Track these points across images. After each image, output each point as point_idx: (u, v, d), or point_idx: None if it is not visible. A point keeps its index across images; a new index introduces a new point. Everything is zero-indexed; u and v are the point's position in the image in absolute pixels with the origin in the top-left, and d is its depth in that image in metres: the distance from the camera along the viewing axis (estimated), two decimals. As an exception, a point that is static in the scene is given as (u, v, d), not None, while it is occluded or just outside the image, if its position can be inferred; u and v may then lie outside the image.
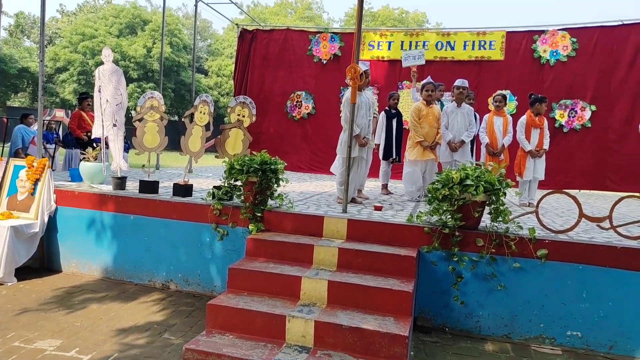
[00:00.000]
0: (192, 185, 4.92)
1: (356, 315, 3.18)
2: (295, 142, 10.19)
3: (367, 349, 2.95)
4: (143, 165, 5.30)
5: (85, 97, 7.46)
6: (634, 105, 8.37)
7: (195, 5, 8.80)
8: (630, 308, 3.45)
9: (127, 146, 7.59)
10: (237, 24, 10.87)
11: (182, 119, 5.12)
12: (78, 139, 7.26)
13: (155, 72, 29.04)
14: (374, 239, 3.96)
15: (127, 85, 6.56)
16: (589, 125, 8.63)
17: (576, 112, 8.71)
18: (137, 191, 4.89)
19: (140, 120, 5.06)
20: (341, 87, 9.67)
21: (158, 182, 5.03)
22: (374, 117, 5.78)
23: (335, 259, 3.72)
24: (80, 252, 4.80)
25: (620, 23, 8.63)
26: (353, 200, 5.18)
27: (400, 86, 9.66)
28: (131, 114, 22.34)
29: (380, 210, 4.73)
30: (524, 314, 3.65)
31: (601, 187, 8.67)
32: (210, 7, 9.28)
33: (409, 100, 9.35)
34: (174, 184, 4.87)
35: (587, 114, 8.67)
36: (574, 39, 8.77)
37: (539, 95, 6.07)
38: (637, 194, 4.35)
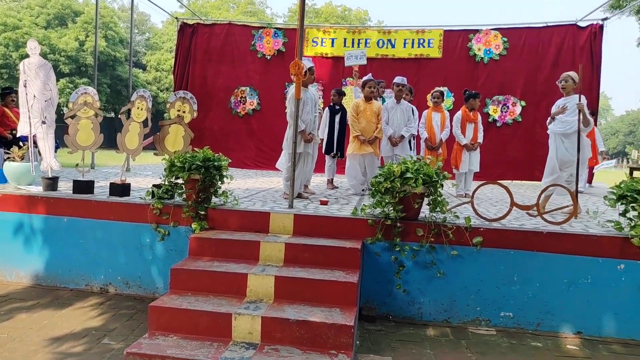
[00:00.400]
0: (129, 184, 4.73)
1: (303, 309, 3.20)
2: (240, 139, 10.05)
3: (315, 341, 2.99)
4: (77, 165, 5.02)
5: (8, 92, 6.92)
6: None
7: (131, -3, 8.42)
8: (554, 288, 3.74)
9: (57, 145, 7.14)
10: (176, 18, 10.53)
11: (119, 115, 4.89)
12: (1, 137, 6.73)
13: (89, 66, 27.51)
14: (320, 233, 4.00)
15: (58, 80, 6.15)
16: (520, 120, 9.20)
17: (508, 107, 9.26)
18: (71, 192, 4.63)
19: (72, 117, 4.79)
20: (286, 83, 9.64)
21: (93, 181, 4.78)
22: (319, 113, 5.84)
23: (282, 254, 3.72)
24: (5, 258, 4.46)
25: (544, 25, 9.27)
26: (299, 196, 5.21)
27: (344, 83, 9.79)
28: (62, 110, 21.02)
29: (326, 204, 4.79)
30: (462, 299, 3.85)
31: (531, 178, 9.28)
32: (147, -1, 8.91)
33: (352, 97, 9.49)
34: (111, 183, 4.66)
35: (518, 109, 9.25)
36: (505, 39, 9.30)
37: (473, 92, 6.39)
38: (560, 184, 4.70)
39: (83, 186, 4.63)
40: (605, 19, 9.22)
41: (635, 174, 8.73)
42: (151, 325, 3.16)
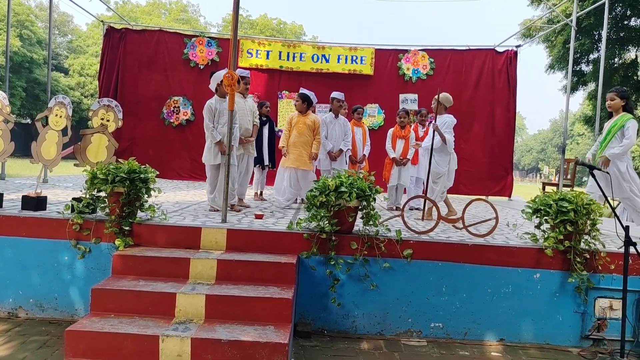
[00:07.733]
0: (45, 197, 4.34)
1: (236, 328, 3.10)
2: (174, 149, 9.70)
3: (247, 361, 2.89)
4: (-18, 176, 4.53)
5: None
6: (478, 120, 9.69)
7: (51, -4, 7.84)
8: (479, 297, 3.93)
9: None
10: (102, 21, 9.99)
11: (35, 122, 4.50)
12: None
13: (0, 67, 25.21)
14: (254, 248, 3.91)
15: (-39, 81, 5.51)
16: (445, 137, 9.71)
17: (434, 124, 9.75)
18: (-26, 206, 4.16)
19: (-23, 122, 4.33)
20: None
21: (2, 194, 4.34)
22: (254, 125, 5.75)
23: (214, 272, 3.59)
24: None
25: (467, 48, 9.93)
26: (231, 208, 5.08)
27: (280, 95, 9.79)
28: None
29: (261, 218, 4.71)
30: (395, 311, 3.93)
31: (456, 191, 9.79)
32: (69, -1, 8.35)
33: (288, 109, 9.55)
34: (23, 196, 4.25)
35: (444, 127, 9.76)
36: (432, 59, 9.83)
37: (401, 109, 6.70)
38: (482, 197, 4.99)
39: (-11, 200, 4.18)
40: (519, 45, 10.08)
41: (547, 188, 9.54)
42: (68, 352, 2.90)
